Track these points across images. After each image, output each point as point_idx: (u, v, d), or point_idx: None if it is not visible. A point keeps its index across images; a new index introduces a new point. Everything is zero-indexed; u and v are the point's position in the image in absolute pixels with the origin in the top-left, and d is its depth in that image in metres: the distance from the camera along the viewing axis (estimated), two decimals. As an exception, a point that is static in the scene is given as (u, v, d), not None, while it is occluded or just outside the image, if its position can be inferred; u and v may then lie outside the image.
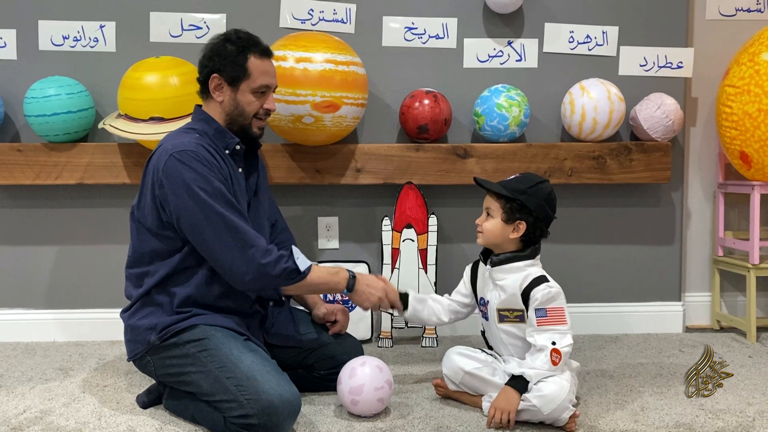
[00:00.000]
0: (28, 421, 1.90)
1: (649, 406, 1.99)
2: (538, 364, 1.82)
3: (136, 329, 1.90)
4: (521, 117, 2.56)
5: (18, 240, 2.75)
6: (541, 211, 1.91)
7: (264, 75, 1.93)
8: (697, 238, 2.95)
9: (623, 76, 2.73)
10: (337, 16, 2.68)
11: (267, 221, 2.11)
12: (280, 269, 1.82)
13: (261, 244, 1.82)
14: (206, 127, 1.93)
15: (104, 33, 2.66)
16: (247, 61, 1.90)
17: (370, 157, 2.63)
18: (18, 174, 2.58)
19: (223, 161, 1.90)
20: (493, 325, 1.97)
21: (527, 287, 1.89)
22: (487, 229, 1.95)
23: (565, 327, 1.86)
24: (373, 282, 2.00)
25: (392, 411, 1.95)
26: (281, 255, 1.84)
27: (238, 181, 1.96)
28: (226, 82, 1.91)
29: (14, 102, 2.65)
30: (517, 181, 1.96)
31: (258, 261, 1.80)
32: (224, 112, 1.94)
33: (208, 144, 1.89)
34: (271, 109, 1.98)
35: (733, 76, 2.59)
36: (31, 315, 2.76)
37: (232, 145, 1.93)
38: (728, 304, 2.96)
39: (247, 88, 1.92)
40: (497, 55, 2.73)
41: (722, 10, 2.86)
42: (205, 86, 1.94)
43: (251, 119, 1.95)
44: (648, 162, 2.66)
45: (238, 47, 1.90)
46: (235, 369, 1.75)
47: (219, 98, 1.92)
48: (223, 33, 1.96)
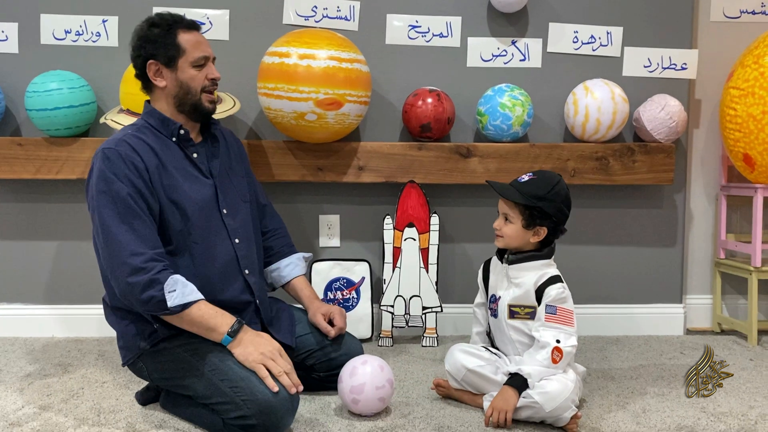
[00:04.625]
0: (26, 417, 1.89)
1: (651, 408, 1.98)
2: (538, 359, 1.82)
3: (126, 336, 1.88)
4: (524, 117, 2.55)
5: (18, 234, 2.74)
6: (560, 215, 1.92)
7: (198, 46, 1.92)
8: (698, 240, 2.94)
9: (627, 77, 2.72)
10: (340, 13, 2.67)
11: (245, 204, 2.06)
12: (147, 296, 1.70)
13: (134, 262, 1.70)
14: (150, 119, 1.92)
15: (107, 27, 2.64)
16: (176, 38, 1.89)
17: (373, 156, 2.62)
18: (18, 168, 2.57)
19: (168, 150, 1.88)
20: (502, 322, 1.97)
21: (543, 284, 1.88)
22: (507, 234, 1.94)
23: (572, 329, 1.86)
24: (263, 343, 1.77)
25: (393, 410, 1.94)
26: (153, 280, 1.70)
27: (188, 169, 1.91)
28: (163, 64, 1.89)
29: (15, 96, 2.63)
30: (534, 185, 1.91)
31: (125, 279, 1.71)
32: (171, 95, 1.92)
33: (151, 136, 1.87)
34: (216, 78, 1.96)
35: (737, 78, 2.58)
36: (31, 310, 2.75)
37: (175, 130, 1.91)
38: (729, 307, 2.95)
39: (186, 64, 1.90)
40: (501, 55, 2.72)
41: (727, 12, 2.85)
42: (145, 77, 1.93)
43: (200, 94, 1.93)
44: (651, 163, 2.65)
45: (163, 28, 1.89)
46: (228, 370, 1.73)
47: (161, 84, 1.91)
48: (144, 19, 1.95)
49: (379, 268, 2.70)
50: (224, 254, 1.93)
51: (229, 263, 1.94)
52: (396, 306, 2.62)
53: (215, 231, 1.93)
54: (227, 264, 1.93)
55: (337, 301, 2.65)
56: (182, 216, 1.86)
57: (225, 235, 1.95)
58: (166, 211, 1.85)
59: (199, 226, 1.89)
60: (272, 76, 2.36)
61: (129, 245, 1.73)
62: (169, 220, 1.85)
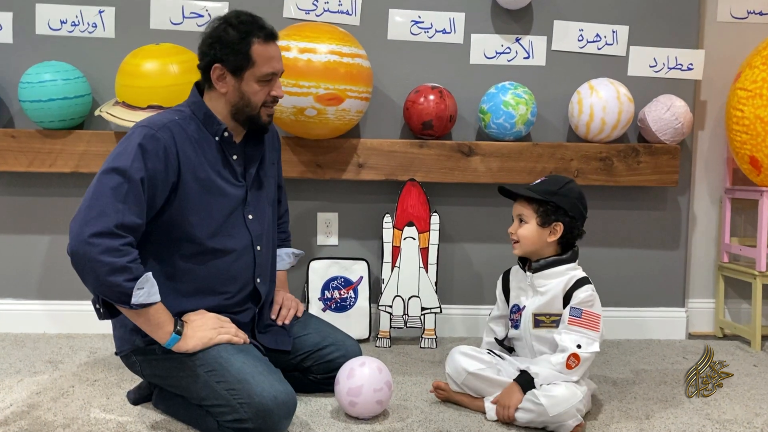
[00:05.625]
0: (14, 416, 1.84)
1: (655, 415, 1.94)
2: (551, 361, 1.79)
3: (123, 327, 1.83)
4: (528, 115, 2.51)
5: (10, 228, 2.69)
6: (575, 210, 1.88)
7: (269, 62, 1.81)
8: (702, 243, 2.90)
9: (632, 77, 2.68)
10: (342, 7, 2.62)
11: (270, 207, 1.99)
12: (113, 280, 1.58)
13: (114, 243, 1.59)
14: (196, 110, 1.83)
15: (103, 18, 2.59)
16: (250, 47, 1.77)
17: (373, 153, 2.57)
18: (11, 160, 2.52)
19: (208, 147, 1.80)
20: (525, 333, 1.92)
21: (571, 287, 1.85)
22: (523, 237, 1.90)
23: (596, 334, 1.82)
24: (204, 322, 1.75)
25: (391, 413, 1.90)
26: (127, 268, 1.59)
27: (222, 171, 1.83)
28: (229, 71, 1.79)
29: (9, 87, 2.58)
30: (545, 183, 1.91)
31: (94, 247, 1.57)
32: (229, 103, 1.83)
33: (194, 128, 1.80)
34: (278, 96, 1.87)
35: (745, 79, 2.54)
36: (22, 305, 2.70)
37: (219, 131, 1.83)
38: (732, 312, 2.91)
39: (252, 77, 1.80)
40: (505, 52, 2.67)
41: (734, 13, 2.81)
42: (207, 75, 1.82)
43: (259, 109, 1.84)
44: (656, 165, 2.61)
45: (240, 33, 1.77)
46: (225, 372, 1.68)
47: (222, 89, 1.81)
48: (223, 16, 1.83)
49: (378, 268, 2.66)
50: (243, 261, 1.87)
51: (245, 270, 1.88)
52: (394, 306, 2.57)
53: (238, 238, 1.86)
54: (243, 271, 1.87)
55: (334, 301, 2.61)
56: (207, 219, 1.79)
57: (248, 242, 1.88)
58: (192, 210, 1.76)
59: (221, 232, 1.82)
60: (272, 70, 2.31)
61: (115, 216, 1.61)
62: (192, 221, 1.77)
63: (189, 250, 1.79)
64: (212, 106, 1.84)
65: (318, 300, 2.61)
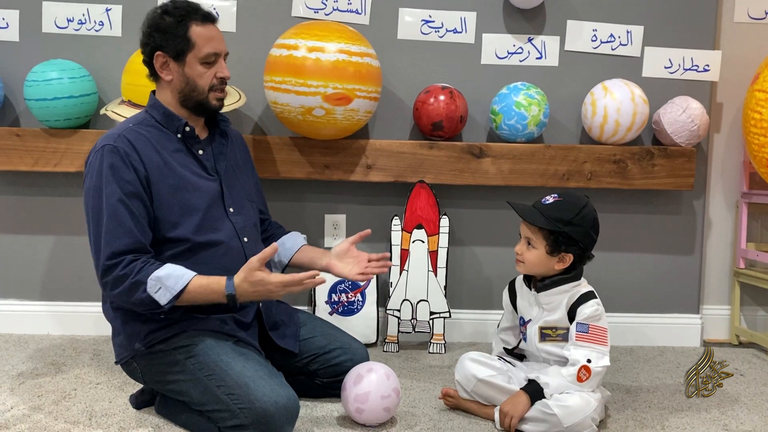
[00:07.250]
0: (14, 419, 1.81)
1: (671, 425, 1.88)
2: (562, 373, 1.74)
3: (122, 334, 1.81)
4: (540, 116, 2.46)
5: (14, 228, 2.66)
6: (587, 241, 1.82)
7: (209, 42, 1.82)
8: (717, 248, 2.84)
9: (647, 78, 2.63)
10: (351, 6, 2.58)
11: (251, 203, 1.99)
12: (137, 299, 1.68)
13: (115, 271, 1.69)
14: (154, 112, 1.84)
15: (110, 17, 2.57)
16: (188, 30, 1.79)
17: (382, 154, 2.53)
18: (16, 160, 2.49)
19: (172, 145, 1.81)
20: (533, 346, 1.88)
21: (575, 303, 1.80)
22: (528, 260, 1.85)
23: (605, 348, 1.77)
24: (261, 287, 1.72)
25: (398, 421, 1.86)
26: (135, 283, 1.67)
27: (191, 165, 1.83)
28: (171, 57, 1.80)
29: (15, 85, 2.56)
30: (560, 208, 1.81)
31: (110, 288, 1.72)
32: (176, 90, 1.83)
33: (154, 131, 1.80)
34: (225, 77, 1.87)
35: (763, 80, 2.48)
36: (26, 306, 2.67)
37: (181, 127, 1.83)
38: (748, 319, 2.85)
39: (195, 60, 1.80)
40: (517, 52, 2.63)
41: (751, 13, 2.75)
42: (152, 67, 1.84)
43: (207, 93, 1.84)
44: (671, 168, 2.55)
45: (176, 17, 1.79)
46: (225, 376, 1.65)
47: (167, 77, 1.82)
48: (158, 6, 1.84)
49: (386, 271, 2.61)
50: (232, 254, 1.85)
51: (236, 262, 1.83)
52: (402, 310, 2.53)
53: (223, 230, 1.85)
54: (234, 263, 1.82)
55: (341, 304, 2.57)
56: (187, 215, 1.78)
57: (233, 234, 1.87)
58: (170, 211, 1.77)
59: (205, 225, 1.81)
60: (279, 69, 2.28)
61: (112, 243, 1.69)
62: (173, 220, 1.77)
63: (179, 248, 1.78)
64: (163, 99, 1.86)
65: (325, 303, 2.57)
